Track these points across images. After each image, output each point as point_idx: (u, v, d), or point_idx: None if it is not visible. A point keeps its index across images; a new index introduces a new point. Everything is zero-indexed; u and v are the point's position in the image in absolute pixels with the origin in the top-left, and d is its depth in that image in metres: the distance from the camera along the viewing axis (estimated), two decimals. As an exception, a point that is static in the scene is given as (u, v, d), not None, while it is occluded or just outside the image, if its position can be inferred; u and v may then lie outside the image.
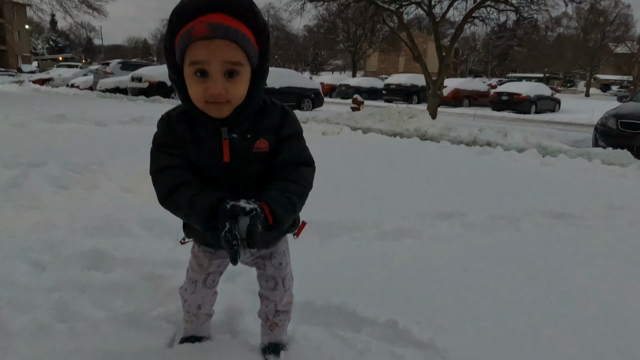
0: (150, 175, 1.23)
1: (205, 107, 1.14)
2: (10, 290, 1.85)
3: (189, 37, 1.07)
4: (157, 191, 1.21)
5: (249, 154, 1.20)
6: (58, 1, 19.30)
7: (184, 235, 1.42)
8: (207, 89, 1.10)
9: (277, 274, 1.48)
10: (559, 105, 24.67)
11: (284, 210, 1.14)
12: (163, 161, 1.20)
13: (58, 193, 3.31)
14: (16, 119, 7.24)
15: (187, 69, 1.11)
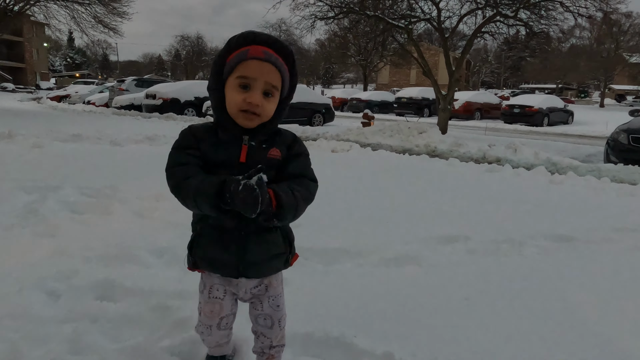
0: (165, 172, 1.34)
1: (237, 115, 1.33)
2: (27, 321, 1.94)
3: (245, 55, 1.30)
4: (169, 183, 1.32)
5: (263, 158, 1.34)
6: (75, 21, 19.80)
7: (191, 262, 1.48)
8: (247, 98, 1.30)
9: (274, 314, 1.56)
10: (572, 117, 24.51)
11: (287, 199, 1.26)
12: (179, 159, 1.34)
13: (73, 219, 3.43)
14: (34, 140, 7.45)
15: (233, 80, 1.32)
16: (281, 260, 1.47)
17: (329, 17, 14.43)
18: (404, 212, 4.14)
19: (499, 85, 72.78)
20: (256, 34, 1.35)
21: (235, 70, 1.32)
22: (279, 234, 1.44)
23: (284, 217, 1.26)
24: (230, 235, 1.38)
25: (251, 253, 1.39)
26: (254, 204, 1.16)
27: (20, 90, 43.61)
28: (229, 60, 1.33)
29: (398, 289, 2.51)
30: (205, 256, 1.43)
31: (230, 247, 1.38)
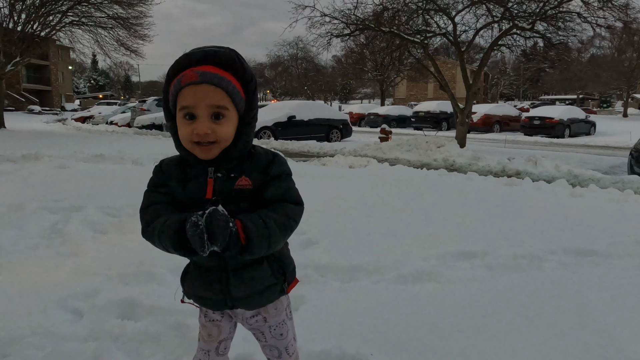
0: (139, 213, 1.31)
1: (193, 148, 1.22)
2: (52, 340, 2.00)
3: (180, 84, 1.19)
4: (141, 225, 1.29)
5: (231, 191, 1.24)
6: (99, 45, 20.43)
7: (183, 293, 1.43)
8: (195, 129, 1.18)
9: (279, 344, 1.49)
10: (594, 128, 24.11)
11: (257, 229, 1.15)
12: (149, 199, 1.30)
13: (96, 239, 3.52)
14: (59, 161, 7.67)
15: (178, 113, 1.21)
16: (273, 291, 1.37)
17: (345, 34, 14.59)
18: (421, 227, 4.13)
19: (518, 97, 72.13)
20: (189, 54, 1.22)
21: (177, 102, 1.21)
22: (266, 267, 1.33)
23: (254, 251, 1.16)
24: (213, 273, 1.31)
25: (236, 290, 1.31)
26: (199, 242, 1.08)
27: (46, 112, 44.97)
28: (170, 92, 1.23)
29: (415, 306, 2.50)
30: (193, 293, 1.40)
31: (214, 285, 1.31)
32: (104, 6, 19.19)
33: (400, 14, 14.14)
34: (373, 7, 14.17)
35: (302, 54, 61.55)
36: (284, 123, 16.23)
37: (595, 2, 12.14)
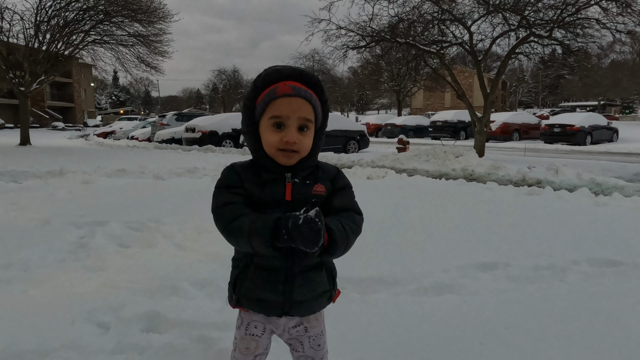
0: (212, 213, 1.32)
1: (276, 154, 1.31)
2: (80, 353, 2.05)
3: (274, 94, 1.30)
4: (219, 224, 1.29)
5: (308, 195, 1.33)
6: (120, 62, 20.92)
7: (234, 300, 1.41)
8: (283, 137, 1.29)
9: (316, 355, 1.51)
10: (616, 135, 23.67)
11: (339, 233, 1.23)
12: (225, 198, 1.31)
13: (120, 253, 3.60)
14: (83, 177, 7.86)
15: (266, 121, 1.31)
16: (325, 297, 1.44)
17: (361, 46, 14.68)
18: (441, 238, 4.11)
19: (537, 104, 71.28)
20: (280, 69, 1.33)
21: (267, 110, 1.31)
22: (324, 272, 1.41)
23: (335, 252, 1.23)
24: (278, 275, 1.33)
25: (298, 292, 1.35)
26: (316, 238, 1.13)
27: (69, 128, 46.09)
28: (259, 101, 1.32)
29: (436, 319, 2.49)
30: (251, 296, 1.38)
31: (277, 287, 1.34)
32: (125, 24, 19.70)
33: (416, 25, 14.19)
34: (388, 18, 14.27)
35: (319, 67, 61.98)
36: (301, 135, 16.29)
37: (614, 7, 12.01)
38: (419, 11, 13.89)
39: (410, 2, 13.81)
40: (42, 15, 18.29)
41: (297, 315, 1.43)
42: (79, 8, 18.59)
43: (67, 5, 18.36)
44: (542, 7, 12.78)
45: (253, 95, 1.33)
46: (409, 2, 13.82)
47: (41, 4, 18.05)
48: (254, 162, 1.38)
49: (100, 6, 18.69)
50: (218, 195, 1.33)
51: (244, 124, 1.37)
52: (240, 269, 1.38)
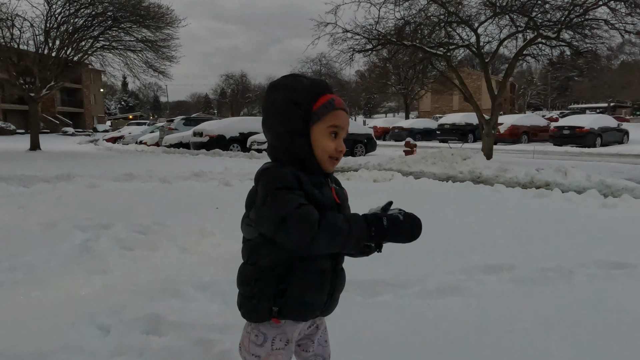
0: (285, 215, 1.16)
1: (326, 161, 1.35)
2: (79, 354, 2.05)
3: (335, 105, 1.35)
4: (301, 226, 1.16)
5: (345, 198, 1.43)
6: (128, 67, 21.10)
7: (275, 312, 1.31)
8: (338, 146, 1.35)
9: (324, 351, 1.51)
10: (627, 137, 23.42)
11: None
12: (297, 199, 1.20)
13: (123, 256, 3.60)
14: (90, 181, 7.91)
15: (324, 128, 1.33)
16: None
17: (367, 49, 14.68)
18: (446, 240, 4.07)
19: (546, 106, 70.82)
20: (325, 82, 1.41)
21: (326, 118, 1.33)
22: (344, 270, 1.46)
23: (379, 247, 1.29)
24: (326, 275, 1.34)
25: (337, 291, 1.40)
26: (419, 231, 1.28)
27: (79, 133, 46.53)
28: (317, 108, 1.33)
29: (440, 322, 2.46)
30: (298, 303, 1.31)
31: (326, 287, 1.34)
32: (133, 30, 19.88)
33: (422, 28, 14.16)
34: (395, 21, 14.25)
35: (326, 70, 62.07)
36: (308, 139, 16.31)
37: (623, 8, 11.90)
38: (426, 14, 13.87)
39: (416, 5, 13.81)
40: (51, 22, 18.52)
41: (326, 314, 1.45)
42: (88, 14, 18.81)
43: (77, 12, 18.57)
44: (550, 9, 12.69)
45: (310, 100, 1.33)
46: (415, 5, 13.82)
47: (51, 10, 18.28)
48: (296, 164, 1.29)
49: (109, 12, 18.90)
50: (287, 196, 1.20)
51: (296, 126, 1.32)
52: (281, 277, 1.28)
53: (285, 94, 1.34)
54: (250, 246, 1.33)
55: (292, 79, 1.37)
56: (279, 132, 1.34)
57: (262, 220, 1.23)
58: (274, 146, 1.36)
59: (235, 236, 4.46)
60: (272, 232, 1.19)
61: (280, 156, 1.34)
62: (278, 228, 1.17)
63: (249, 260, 1.34)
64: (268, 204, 1.20)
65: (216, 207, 5.71)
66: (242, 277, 1.36)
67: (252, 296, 1.31)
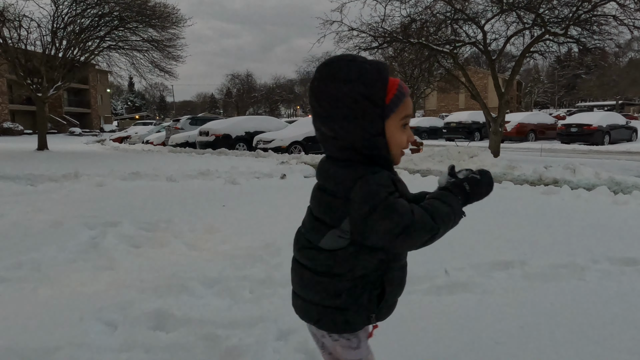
0: (406, 224, 1.12)
1: (398, 155, 1.24)
2: (87, 350, 2.04)
3: (404, 95, 1.21)
4: (424, 229, 1.15)
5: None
6: (134, 67, 21.16)
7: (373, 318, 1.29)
8: (409, 137, 1.23)
9: None
10: (636, 134, 23.21)
11: None
12: (405, 202, 1.18)
13: (130, 252, 3.59)
14: (97, 179, 7.92)
15: (397, 122, 1.20)
16: None
17: (373, 47, 14.62)
18: (455, 237, 4.01)
19: (553, 104, 70.38)
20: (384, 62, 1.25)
21: (398, 110, 1.20)
22: None
23: None
24: (406, 270, 1.34)
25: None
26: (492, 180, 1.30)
27: (86, 133, 46.78)
28: (389, 101, 1.19)
29: (450, 318, 2.42)
30: (393, 301, 1.32)
31: (405, 281, 1.34)
32: (139, 30, 19.93)
33: (429, 25, 14.09)
34: (401, 19, 14.19)
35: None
36: (314, 138, 16.31)
37: (632, 3, 11.77)
38: (432, 11, 13.79)
39: (422, 2, 13.73)
40: (58, 22, 18.60)
41: None
42: (95, 14, 18.87)
43: (83, 12, 18.64)
44: (557, 5, 12.58)
45: (383, 95, 1.18)
46: (421, 2, 13.75)
47: (58, 11, 18.36)
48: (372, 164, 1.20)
49: (115, 12, 18.95)
50: (397, 205, 1.14)
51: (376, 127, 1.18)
52: (374, 282, 1.25)
53: (356, 88, 1.16)
54: (338, 257, 1.21)
55: (355, 66, 1.18)
56: (353, 132, 1.17)
57: (377, 231, 1.14)
58: (345, 147, 1.19)
59: (242, 233, 4.45)
60: (390, 241, 1.14)
61: (354, 157, 1.19)
62: (399, 236, 1.12)
63: (336, 272, 1.22)
64: (382, 215, 1.12)
65: (223, 204, 5.70)
66: (326, 290, 1.24)
67: (345, 308, 1.23)
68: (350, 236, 1.19)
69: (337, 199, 1.18)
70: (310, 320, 1.31)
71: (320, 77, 1.20)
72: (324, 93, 1.18)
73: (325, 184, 1.23)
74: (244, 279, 2.92)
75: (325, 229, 1.22)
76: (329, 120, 1.19)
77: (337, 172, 1.19)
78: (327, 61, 1.22)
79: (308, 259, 1.28)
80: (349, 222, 1.17)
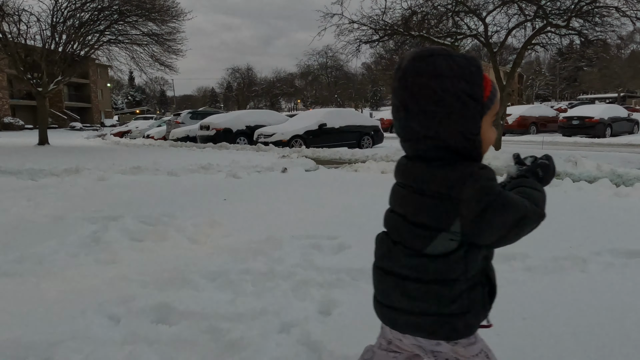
0: (522, 213, 1.12)
1: (486, 151, 1.21)
2: (89, 343, 2.04)
3: (497, 90, 1.18)
4: (535, 215, 1.16)
5: None
6: (134, 61, 21.12)
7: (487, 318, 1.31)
8: (495, 132, 1.22)
9: None
10: (637, 127, 23.14)
11: None
12: (514, 195, 1.17)
13: (132, 247, 3.59)
14: (98, 174, 7.92)
15: (490, 119, 1.17)
16: None
17: (374, 40, 14.57)
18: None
19: (554, 97, 70.18)
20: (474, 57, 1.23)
21: (493, 107, 1.17)
22: None
23: None
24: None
25: None
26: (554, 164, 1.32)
27: (87, 128, 46.80)
28: (486, 99, 1.14)
29: (452, 310, 2.42)
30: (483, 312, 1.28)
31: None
32: (139, 24, 19.88)
33: (430, 17, 14.03)
34: (401, 11, 14.13)
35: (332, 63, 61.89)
36: (315, 131, 16.30)
37: (635, -5, 11.69)
38: (433, 3, 13.72)
39: (423, -5, 13.66)
40: (57, 16, 18.56)
41: None
42: (94, 8, 18.81)
43: (82, 6, 18.59)
44: (559, -4, 12.51)
45: (482, 91, 1.13)
46: (422, -5, 13.67)
47: (57, 5, 18.31)
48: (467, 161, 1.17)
49: (115, 6, 18.89)
50: (509, 196, 1.12)
51: (475, 125, 1.14)
52: (482, 281, 1.25)
53: (458, 85, 1.11)
54: (450, 262, 1.16)
55: (455, 62, 1.12)
56: (454, 131, 1.12)
57: (494, 227, 1.11)
58: (440, 146, 1.14)
59: (243, 227, 4.46)
60: (505, 235, 1.14)
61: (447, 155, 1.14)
62: (513, 229, 1.13)
63: (449, 277, 1.18)
64: (500, 210, 1.09)
65: (224, 198, 5.69)
66: (441, 298, 1.19)
67: (464, 312, 1.19)
68: (461, 237, 1.14)
69: (443, 201, 1.12)
70: (422, 333, 1.24)
71: (416, 72, 1.13)
72: (423, 89, 1.12)
73: (422, 187, 1.16)
74: (246, 272, 2.92)
75: (430, 234, 1.16)
76: (426, 118, 1.12)
77: (437, 173, 1.13)
78: (420, 55, 1.15)
79: (411, 269, 1.20)
80: (459, 222, 1.12)
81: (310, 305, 2.47)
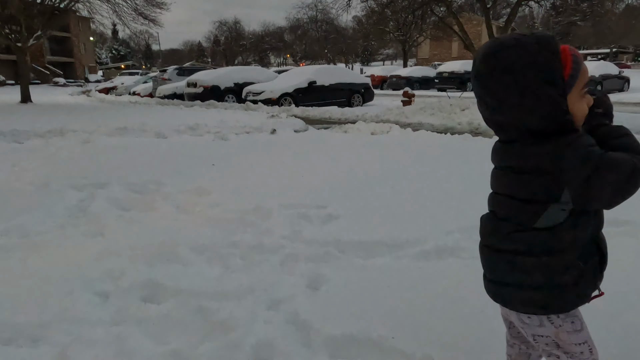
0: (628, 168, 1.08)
1: (581, 121, 1.19)
2: (77, 324, 2.05)
3: (580, 65, 1.15)
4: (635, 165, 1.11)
5: None
6: (117, 15, 20.32)
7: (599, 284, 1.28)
8: (589, 102, 1.19)
9: None
10: (628, 84, 23.08)
11: None
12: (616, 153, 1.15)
13: (120, 217, 3.57)
14: (83, 136, 7.78)
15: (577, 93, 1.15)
16: None
17: (365, -5, 14.11)
18: (444, 197, 4.04)
19: (547, 52, 69.37)
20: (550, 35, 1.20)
21: (578, 82, 1.15)
22: None
23: None
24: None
25: None
26: None
27: (70, 84, 45.58)
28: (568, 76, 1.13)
29: (438, 285, 2.45)
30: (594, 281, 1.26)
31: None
32: (120, -25, 18.99)
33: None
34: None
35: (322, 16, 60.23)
36: (304, 89, 16.03)
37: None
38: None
39: (417, -54, 13.15)
40: (34, -34, 17.64)
41: None
42: (72, -42, 17.88)
43: (59, -45, 17.65)
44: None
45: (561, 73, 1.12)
46: (415, -54, 13.16)
47: (32, -47, 17.36)
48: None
49: (94, -45, 17.97)
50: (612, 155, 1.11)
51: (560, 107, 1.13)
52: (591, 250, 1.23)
53: (533, 76, 1.11)
54: (560, 232, 1.17)
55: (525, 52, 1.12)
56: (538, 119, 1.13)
57: (605, 188, 1.09)
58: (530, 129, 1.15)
59: (232, 195, 4.41)
60: (616, 194, 1.09)
61: (541, 134, 1.15)
62: (624, 187, 1.08)
63: (559, 247, 1.18)
64: (607, 169, 1.07)
65: (212, 163, 5.64)
66: (552, 270, 1.19)
67: (575, 283, 1.20)
68: (572, 206, 1.14)
69: (546, 175, 1.13)
70: (534, 308, 1.24)
71: (488, 69, 1.15)
72: (497, 85, 1.14)
73: (522, 166, 1.17)
74: (234, 245, 2.92)
75: (539, 208, 1.17)
76: (508, 111, 1.15)
77: (534, 151, 1.14)
78: (490, 50, 1.15)
79: (520, 243, 1.21)
80: (568, 191, 1.12)
81: (299, 280, 2.49)
